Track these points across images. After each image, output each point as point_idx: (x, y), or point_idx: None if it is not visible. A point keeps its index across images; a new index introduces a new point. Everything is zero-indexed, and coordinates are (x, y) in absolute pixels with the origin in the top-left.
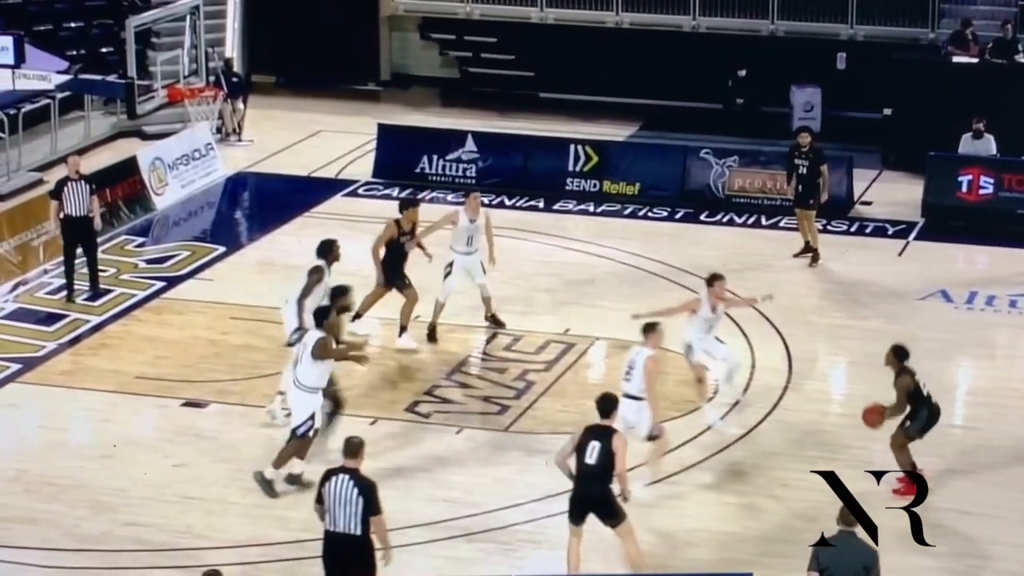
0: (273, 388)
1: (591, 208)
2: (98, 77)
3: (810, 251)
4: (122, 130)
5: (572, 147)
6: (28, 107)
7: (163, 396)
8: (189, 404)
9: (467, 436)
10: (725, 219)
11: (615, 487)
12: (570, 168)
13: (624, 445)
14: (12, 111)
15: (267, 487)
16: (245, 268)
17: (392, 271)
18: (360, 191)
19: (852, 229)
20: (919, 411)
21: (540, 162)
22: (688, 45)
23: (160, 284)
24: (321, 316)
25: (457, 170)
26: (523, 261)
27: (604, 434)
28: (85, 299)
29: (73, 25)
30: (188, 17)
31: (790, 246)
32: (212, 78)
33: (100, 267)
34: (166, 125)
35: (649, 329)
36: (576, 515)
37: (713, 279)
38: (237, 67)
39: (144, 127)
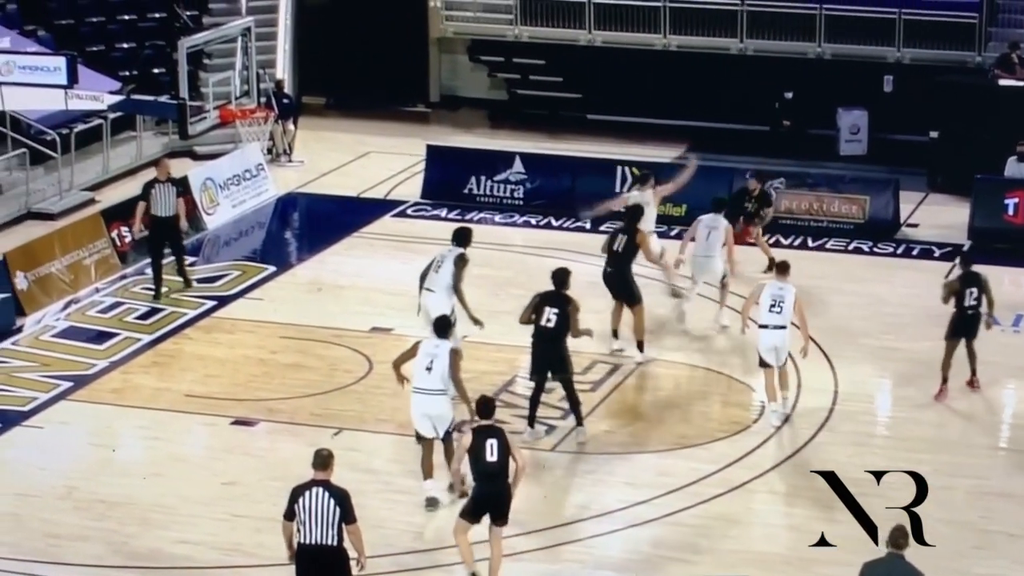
0: (320, 407)
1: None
2: (150, 98)
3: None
4: (174, 150)
5: (619, 168)
6: (80, 127)
7: (212, 414)
8: (238, 422)
9: None
10: (771, 241)
11: None
12: (617, 189)
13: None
14: (65, 131)
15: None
16: (295, 288)
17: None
18: (409, 212)
19: (899, 251)
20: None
21: (588, 183)
22: (735, 67)
23: (211, 303)
24: (446, 326)
25: (505, 191)
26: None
27: (496, 432)
28: (179, 291)
29: (126, 46)
30: (240, 39)
31: (838, 268)
32: (263, 99)
33: (152, 286)
34: (217, 146)
35: (785, 268)
36: (477, 514)
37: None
38: (288, 88)
39: (196, 147)
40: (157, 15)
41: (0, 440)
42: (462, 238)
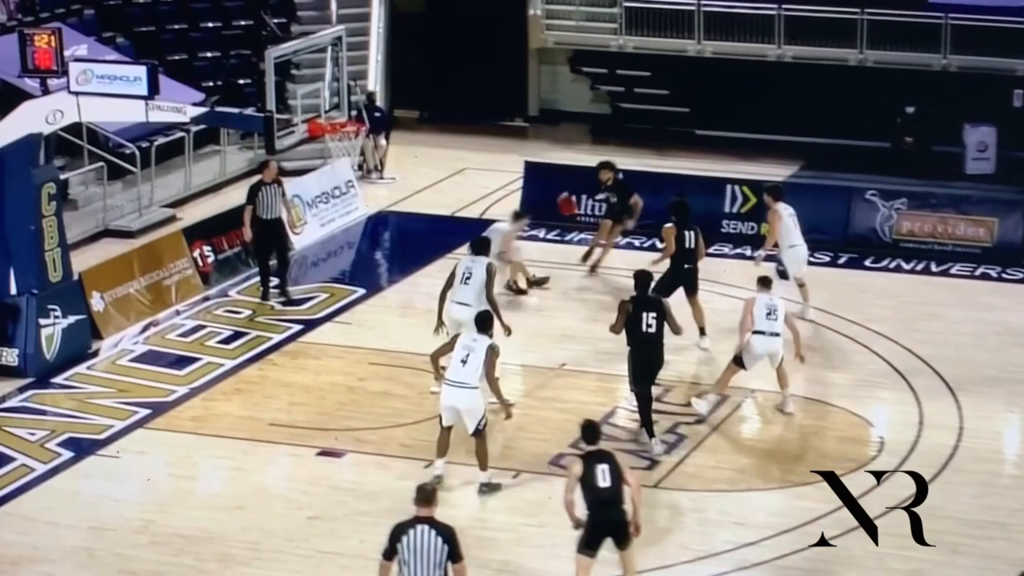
0: (411, 438)
1: (748, 252)
2: (235, 110)
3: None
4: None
5: (729, 187)
6: (161, 140)
7: (297, 444)
8: (325, 453)
9: None
10: (892, 265)
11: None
12: (726, 209)
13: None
14: (145, 144)
15: (493, 488)
16: (385, 311)
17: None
18: None
19: None
20: None
21: (695, 203)
22: (854, 80)
23: (297, 327)
24: (488, 322)
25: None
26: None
27: (606, 456)
28: (279, 302)
29: (209, 55)
30: (330, 49)
31: (963, 294)
32: (354, 113)
33: (236, 308)
34: (306, 161)
35: (768, 282)
36: (595, 543)
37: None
38: (380, 101)
39: (283, 162)
40: (243, 23)
41: (74, 470)
42: (484, 247)
